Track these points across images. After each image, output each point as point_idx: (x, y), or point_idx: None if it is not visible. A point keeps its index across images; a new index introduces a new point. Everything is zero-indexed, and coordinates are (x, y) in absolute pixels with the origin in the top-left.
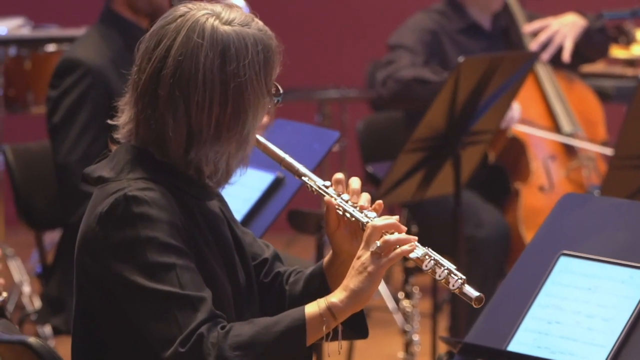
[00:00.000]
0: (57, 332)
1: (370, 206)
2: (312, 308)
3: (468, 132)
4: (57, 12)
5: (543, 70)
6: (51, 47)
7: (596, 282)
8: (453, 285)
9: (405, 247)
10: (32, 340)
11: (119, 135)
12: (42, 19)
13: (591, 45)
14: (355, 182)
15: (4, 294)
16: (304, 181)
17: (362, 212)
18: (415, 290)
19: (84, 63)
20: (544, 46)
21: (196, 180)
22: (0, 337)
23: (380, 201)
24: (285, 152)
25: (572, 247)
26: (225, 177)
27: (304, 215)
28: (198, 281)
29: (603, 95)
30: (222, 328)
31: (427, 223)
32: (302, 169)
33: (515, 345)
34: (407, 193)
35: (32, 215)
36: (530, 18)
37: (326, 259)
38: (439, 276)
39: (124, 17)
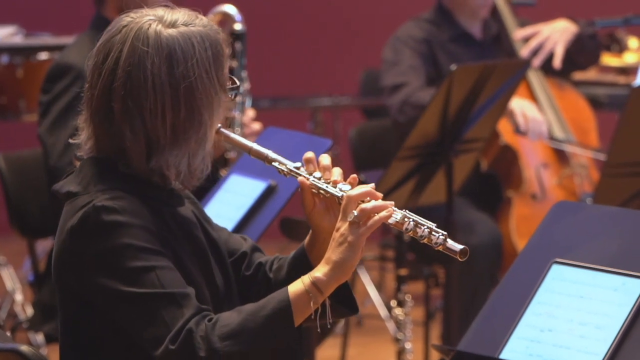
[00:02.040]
0: (49, 339)
1: (345, 180)
2: (296, 286)
3: (460, 140)
4: (50, 21)
5: (535, 78)
6: (43, 55)
7: (589, 290)
8: (436, 243)
9: (383, 214)
10: (24, 348)
11: (81, 152)
12: (34, 27)
13: (582, 51)
14: (325, 159)
15: None
16: (275, 166)
17: (336, 187)
18: (408, 298)
19: (75, 67)
20: (535, 52)
21: (162, 186)
22: None
23: (354, 175)
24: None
25: (565, 255)
26: (189, 178)
27: (296, 223)
28: (179, 279)
29: (595, 103)
30: (210, 320)
31: None
32: (271, 154)
33: (507, 353)
34: (400, 201)
35: (25, 223)
36: (522, 25)
37: (307, 240)
38: (421, 236)
39: None
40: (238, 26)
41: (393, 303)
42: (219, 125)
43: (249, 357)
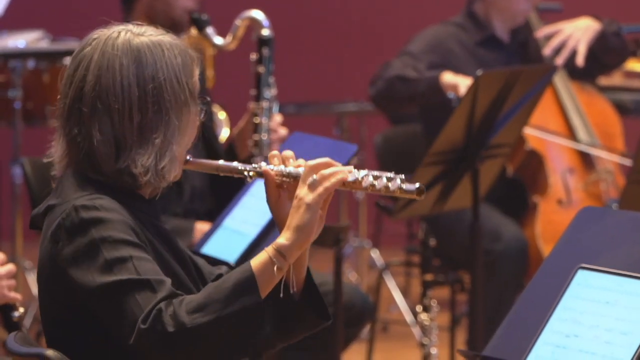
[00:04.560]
0: None
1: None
2: (260, 256)
3: (486, 145)
4: (76, 25)
5: (561, 83)
6: (69, 60)
7: (614, 296)
8: (393, 189)
9: (340, 175)
10: (50, 352)
11: (55, 172)
12: (60, 32)
13: (608, 49)
14: (287, 152)
15: (21, 310)
16: (243, 175)
17: (299, 169)
18: (434, 303)
19: None
20: (558, 51)
21: (133, 189)
22: (18, 350)
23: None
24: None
25: (590, 261)
26: (157, 178)
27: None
28: (156, 269)
29: (621, 109)
30: (178, 300)
31: (445, 237)
32: (239, 165)
33: (533, 359)
34: (425, 206)
35: None
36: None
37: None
38: (378, 187)
39: None
40: (266, 32)
41: (419, 308)
42: (188, 157)
43: (216, 328)
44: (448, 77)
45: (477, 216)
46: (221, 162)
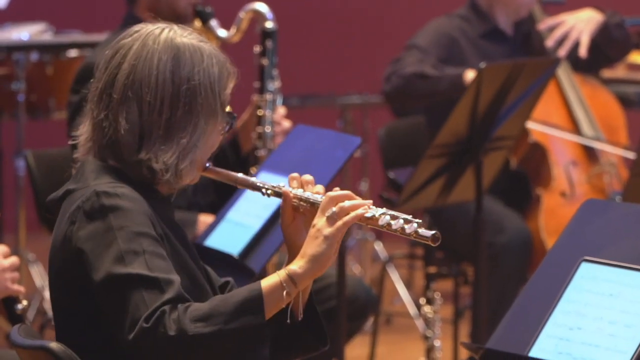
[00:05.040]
0: None
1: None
2: (270, 278)
3: (490, 138)
4: (79, 18)
5: (565, 76)
6: (73, 53)
7: (618, 288)
8: (409, 232)
9: (360, 210)
10: (53, 345)
11: (77, 154)
12: (64, 24)
13: (611, 41)
14: (307, 176)
15: (24, 302)
16: (260, 190)
17: (317, 195)
18: (437, 296)
19: None
20: (560, 42)
21: (151, 184)
22: (22, 343)
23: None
24: (307, 157)
25: (594, 253)
26: (175, 179)
27: None
28: (167, 267)
29: (625, 102)
30: (184, 306)
31: (448, 229)
32: (258, 182)
33: (536, 352)
34: (429, 199)
35: (54, 221)
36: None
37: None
38: (394, 227)
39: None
40: (269, 24)
41: (422, 301)
42: (208, 164)
43: (216, 341)
44: (472, 75)
45: (480, 209)
46: (240, 175)
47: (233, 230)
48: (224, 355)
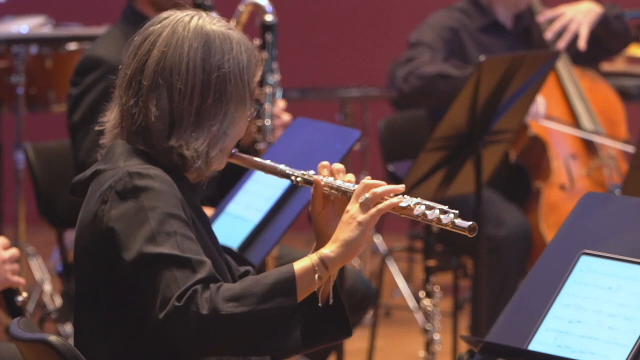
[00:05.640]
0: None
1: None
2: (303, 261)
3: (489, 131)
4: (79, 11)
5: (564, 69)
6: (72, 46)
7: (617, 282)
8: (445, 223)
9: (394, 199)
10: (53, 338)
11: (104, 140)
12: (63, 17)
13: (610, 33)
14: (338, 164)
15: (24, 294)
16: (291, 179)
17: (349, 184)
18: (436, 289)
19: (105, 61)
20: (559, 35)
21: (182, 170)
22: (21, 336)
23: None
24: (307, 150)
25: (593, 247)
26: (205, 166)
27: None
28: (198, 249)
29: (624, 95)
30: (216, 285)
31: None
32: (287, 169)
33: (536, 345)
34: (428, 192)
35: (53, 213)
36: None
37: (312, 249)
38: (430, 217)
39: (146, 15)
40: (269, 17)
41: (421, 294)
42: (234, 150)
43: (249, 321)
44: None
45: (479, 202)
46: (268, 162)
47: (233, 223)
48: (254, 336)
